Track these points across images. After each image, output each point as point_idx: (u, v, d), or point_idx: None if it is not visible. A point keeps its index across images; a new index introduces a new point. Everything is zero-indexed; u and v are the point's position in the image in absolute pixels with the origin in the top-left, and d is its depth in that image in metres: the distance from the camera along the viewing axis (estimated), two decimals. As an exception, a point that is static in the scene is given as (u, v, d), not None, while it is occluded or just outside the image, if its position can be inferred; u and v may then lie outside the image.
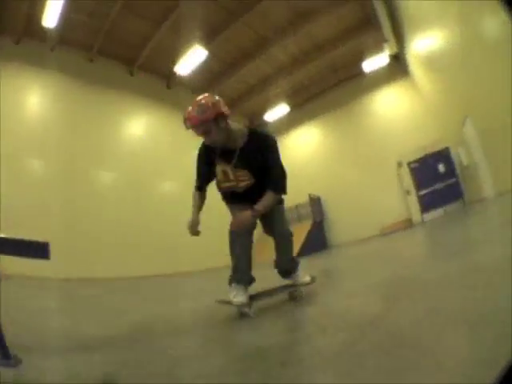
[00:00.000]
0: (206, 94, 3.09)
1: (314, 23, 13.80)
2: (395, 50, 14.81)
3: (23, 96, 10.77)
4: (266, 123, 18.92)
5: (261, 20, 13.35)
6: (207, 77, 15.49)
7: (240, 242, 3.18)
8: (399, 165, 15.17)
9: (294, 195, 12.06)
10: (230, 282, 3.21)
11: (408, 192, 14.79)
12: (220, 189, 3.36)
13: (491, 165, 9.15)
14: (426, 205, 14.24)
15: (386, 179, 15.73)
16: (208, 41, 13.00)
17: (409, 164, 14.93)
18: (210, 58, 13.57)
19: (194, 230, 3.22)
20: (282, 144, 16.25)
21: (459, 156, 12.63)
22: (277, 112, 18.27)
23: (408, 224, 14.38)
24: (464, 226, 8.43)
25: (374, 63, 15.66)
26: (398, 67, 16.20)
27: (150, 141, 14.13)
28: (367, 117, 17.27)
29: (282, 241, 3.56)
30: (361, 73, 16.32)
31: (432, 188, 14.23)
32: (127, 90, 13.63)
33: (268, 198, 3.10)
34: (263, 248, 6.09)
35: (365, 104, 17.38)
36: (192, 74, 14.38)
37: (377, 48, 14.93)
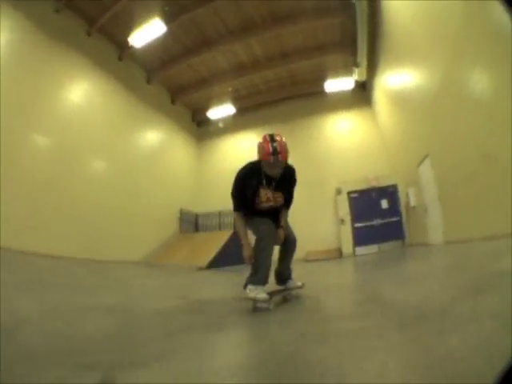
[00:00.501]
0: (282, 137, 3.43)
1: (288, 28, 12.41)
2: (364, 77, 13.64)
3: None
4: (208, 120, 17.33)
5: (233, 11, 11.71)
6: (161, 56, 13.83)
7: (268, 252, 3.35)
8: (338, 191, 13.72)
9: (220, 200, 11.74)
10: (250, 283, 3.29)
11: (342, 221, 13.27)
12: (259, 207, 3.54)
13: (444, 210, 8.23)
14: (360, 238, 12.81)
15: (322, 203, 14.53)
16: (171, 17, 11.31)
17: (349, 193, 13.52)
18: (168, 36, 12.03)
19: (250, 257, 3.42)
20: (221, 146, 16.37)
21: (408, 196, 11.38)
22: (222, 111, 16.54)
23: (337, 254, 12.92)
24: (392, 267, 7.05)
25: (338, 85, 14.52)
26: (362, 95, 15.30)
27: (89, 111, 11.78)
28: (318, 137, 15.97)
29: (293, 247, 3.84)
30: (321, 92, 15.01)
31: (370, 222, 12.87)
32: (80, 50, 11.48)
33: (286, 215, 3.76)
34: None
35: (319, 123, 16.16)
36: (146, 50, 12.65)
37: (345, 71, 13.81)
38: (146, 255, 12.27)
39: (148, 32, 11.54)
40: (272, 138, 3.28)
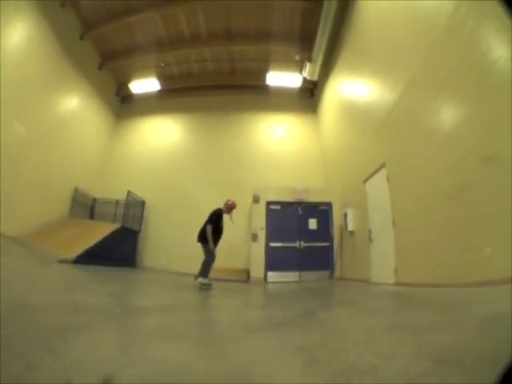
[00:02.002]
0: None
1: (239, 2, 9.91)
2: (315, 76, 10.86)
3: None
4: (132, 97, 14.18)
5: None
6: (101, 10, 10.84)
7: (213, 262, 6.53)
8: (255, 199, 9.88)
9: (123, 188, 10.95)
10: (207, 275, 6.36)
11: (255, 237, 9.54)
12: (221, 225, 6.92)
13: (398, 240, 5.54)
14: (275, 261, 9.18)
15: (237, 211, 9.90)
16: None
17: (268, 203, 9.87)
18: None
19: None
20: (141, 128, 13.94)
21: (346, 218, 8.17)
22: (146, 86, 13.29)
23: (242, 277, 9.30)
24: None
25: (283, 80, 11.67)
26: (309, 101, 12.55)
27: (18, 64, 9.07)
28: (248, 135, 12.60)
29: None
30: (263, 87, 12.26)
31: (290, 243, 9.33)
32: None
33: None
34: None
35: (252, 121, 12.80)
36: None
37: (295, 65, 11.05)
38: (25, 232, 9.13)
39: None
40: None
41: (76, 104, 12.02)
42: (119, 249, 9.89)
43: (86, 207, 12.00)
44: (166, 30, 11.10)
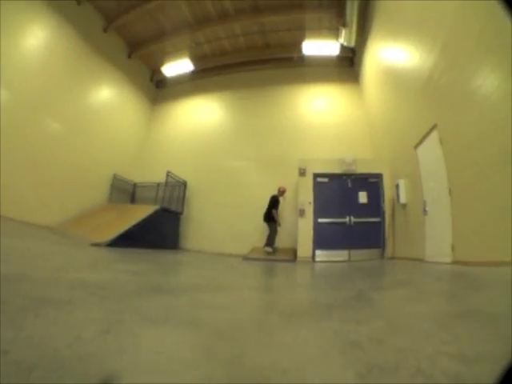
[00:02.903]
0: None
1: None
2: (352, 43, 9.98)
3: None
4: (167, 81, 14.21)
5: None
6: (120, 3, 10.80)
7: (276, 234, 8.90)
8: (301, 172, 9.31)
9: (162, 171, 10.80)
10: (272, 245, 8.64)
11: (302, 213, 8.92)
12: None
13: (456, 211, 4.78)
14: (324, 238, 8.56)
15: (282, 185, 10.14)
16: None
17: (315, 176, 9.16)
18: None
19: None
20: (177, 111, 14.08)
21: (397, 189, 7.38)
22: (179, 67, 13.06)
23: (289, 256, 8.72)
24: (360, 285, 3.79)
25: (321, 48, 10.82)
26: (350, 71, 11.66)
27: (44, 57, 9.45)
28: (290, 108, 11.90)
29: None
30: (301, 59, 11.54)
31: (340, 219, 8.69)
32: None
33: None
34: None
35: (293, 93, 12.10)
36: None
37: (330, 32, 10.25)
38: (63, 220, 9.70)
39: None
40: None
41: (110, 94, 12.39)
42: (159, 231, 9.86)
43: (126, 192, 12.33)
44: (191, 10, 10.73)
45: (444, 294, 2.78)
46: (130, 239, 8.08)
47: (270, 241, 8.90)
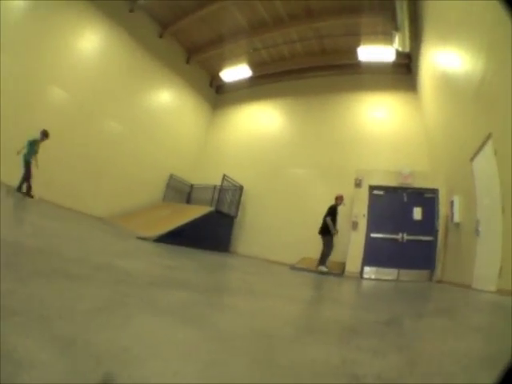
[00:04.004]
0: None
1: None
2: (407, 47, 9.33)
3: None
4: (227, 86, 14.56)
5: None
6: (174, 10, 11.25)
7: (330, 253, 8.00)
8: (357, 183, 8.94)
9: (219, 174, 10.99)
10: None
11: (355, 226, 8.59)
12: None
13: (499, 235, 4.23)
14: (373, 255, 8.12)
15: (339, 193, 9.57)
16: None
17: (371, 188, 8.75)
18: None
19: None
20: (236, 116, 14.41)
21: (452, 206, 6.70)
22: (237, 73, 13.26)
23: (339, 270, 8.41)
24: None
25: (376, 54, 10.45)
26: (407, 78, 10.97)
27: (102, 65, 10.53)
28: (346, 117, 11.58)
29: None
30: (357, 65, 11.18)
31: (392, 235, 8.14)
32: (94, 4, 10.10)
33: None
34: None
35: (350, 102, 11.75)
36: (158, 2, 10.92)
37: (384, 37, 9.78)
38: (115, 213, 10.54)
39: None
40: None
41: (169, 97, 13.06)
42: (211, 232, 9.98)
43: (182, 193, 12.98)
44: (244, 16, 10.86)
45: (483, 330, 2.37)
46: (180, 237, 8.26)
47: (323, 259, 8.03)
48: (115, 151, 10.76)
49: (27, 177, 8.00)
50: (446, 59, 6.87)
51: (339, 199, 8.63)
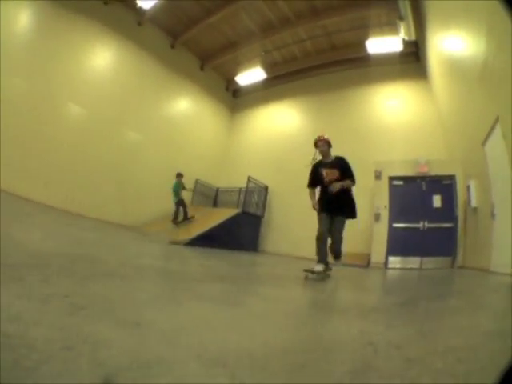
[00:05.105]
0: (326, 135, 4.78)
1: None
2: (413, 35, 9.36)
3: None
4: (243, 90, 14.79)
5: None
6: (180, 18, 11.50)
7: (322, 242, 4.43)
8: (377, 175, 9.07)
9: (243, 176, 11.36)
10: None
11: (377, 217, 8.64)
12: (324, 182, 4.60)
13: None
14: (398, 244, 8.22)
15: (357, 190, 9.15)
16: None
17: (391, 178, 8.84)
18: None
19: (319, 205, 4.61)
20: (254, 118, 14.67)
21: (468, 191, 6.73)
22: (252, 76, 13.44)
23: (364, 261, 8.56)
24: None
25: (383, 45, 10.46)
26: (416, 66, 10.89)
27: (116, 80, 10.99)
28: (360, 110, 11.64)
29: (337, 242, 4.62)
30: (366, 58, 11.26)
31: (414, 224, 8.21)
32: (97, 19, 10.45)
33: (348, 182, 4.52)
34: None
35: (362, 95, 11.82)
36: (163, 12, 11.06)
37: (390, 28, 9.81)
38: (144, 220, 10.97)
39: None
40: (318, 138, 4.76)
41: (187, 105, 13.45)
42: (240, 233, 10.24)
43: (209, 197, 13.22)
44: (252, 19, 11.02)
45: (485, 308, 2.57)
46: (209, 240, 8.55)
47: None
48: (139, 160, 11.14)
49: (184, 206, 10.16)
50: (450, 44, 6.86)
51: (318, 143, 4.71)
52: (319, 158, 4.81)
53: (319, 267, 4.22)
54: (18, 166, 8.14)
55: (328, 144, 4.73)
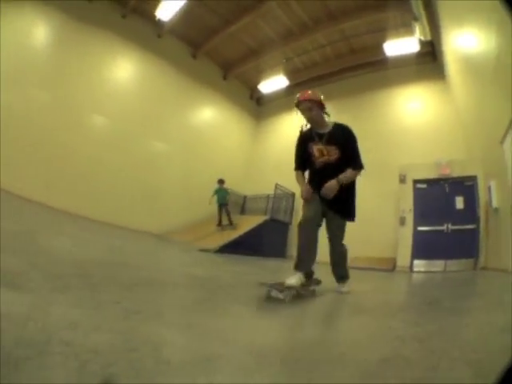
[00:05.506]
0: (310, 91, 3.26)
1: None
2: (428, 35, 9.31)
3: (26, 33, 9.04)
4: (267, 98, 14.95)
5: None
6: (202, 30, 11.81)
7: (306, 235, 3.17)
8: (401, 179, 9.04)
9: (271, 184, 11.50)
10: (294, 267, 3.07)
11: (402, 220, 8.59)
12: (316, 165, 3.31)
13: None
14: (423, 247, 8.14)
15: (382, 194, 9.99)
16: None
17: (415, 182, 8.78)
18: (200, 8, 10.55)
19: (309, 194, 3.24)
20: (279, 125, 14.62)
21: (489, 192, 6.58)
22: (275, 84, 13.60)
23: (389, 265, 8.42)
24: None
25: (400, 47, 10.45)
26: (434, 66, 10.66)
27: (141, 92, 11.43)
28: (380, 114, 11.62)
29: (336, 256, 3.53)
30: (384, 61, 11.21)
31: (438, 227, 8.11)
32: (121, 34, 10.96)
33: (349, 173, 3.14)
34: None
35: (381, 98, 11.78)
36: (182, 24, 11.27)
37: (406, 29, 9.79)
38: (171, 229, 11.14)
39: (173, 4, 10.17)
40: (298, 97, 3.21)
41: (212, 114, 13.70)
42: (268, 240, 10.34)
43: (236, 205, 13.15)
44: (271, 28, 11.18)
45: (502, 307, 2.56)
46: (238, 247, 8.70)
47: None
48: (164, 170, 11.40)
49: (228, 213, 10.53)
50: (464, 41, 6.75)
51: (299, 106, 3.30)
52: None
53: (294, 279, 2.78)
54: (47, 177, 8.69)
55: (317, 105, 3.15)
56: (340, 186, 3.09)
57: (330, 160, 3.20)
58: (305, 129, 3.46)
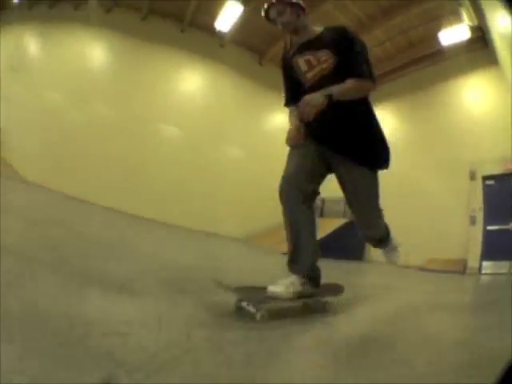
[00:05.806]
0: None
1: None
2: (475, 20, 8.82)
3: (85, 55, 10.70)
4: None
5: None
6: (264, 38, 11.99)
7: (286, 210, 2.29)
8: (472, 176, 8.74)
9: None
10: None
11: (473, 220, 8.27)
12: (306, 85, 2.24)
13: None
14: (491, 249, 7.78)
15: (452, 193, 9.33)
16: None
17: (484, 179, 8.44)
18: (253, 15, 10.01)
19: (298, 135, 2.22)
20: None
21: None
22: None
23: (460, 267, 8.14)
24: None
25: (453, 35, 9.77)
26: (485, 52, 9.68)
27: (213, 103, 12.04)
28: (443, 108, 10.84)
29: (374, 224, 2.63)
30: (441, 52, 10.62)
31: (504, 225, 7.73)
32: (182, 47, 11.69)
33: (348, 83, 2.05)
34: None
35: (440, 92, 11.03)
36: (240, 32, 11.43)
37: (455, 17, 9.23)
38: (248, 234, 11.71)
39: (227, 14, 10.39)
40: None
41: (283, 118, 13.64)
42: (346, 243, 10.20)
43: (316, 207, 13.25)
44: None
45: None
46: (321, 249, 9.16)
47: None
48: (243, 175, 11.74)
49: None
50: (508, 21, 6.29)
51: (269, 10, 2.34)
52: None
53: (281, 286, 2.08)
54: (125, 185, 9.75)
55: (296, 7, 2.25)
56: (329, 100, 1.97)
57: (323, 72, 2.19)
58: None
